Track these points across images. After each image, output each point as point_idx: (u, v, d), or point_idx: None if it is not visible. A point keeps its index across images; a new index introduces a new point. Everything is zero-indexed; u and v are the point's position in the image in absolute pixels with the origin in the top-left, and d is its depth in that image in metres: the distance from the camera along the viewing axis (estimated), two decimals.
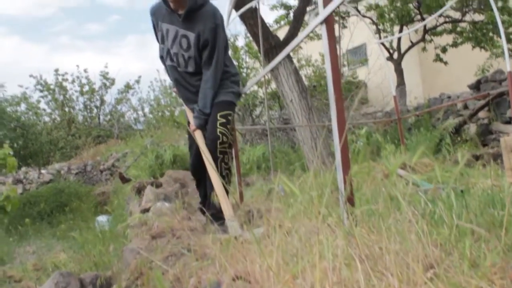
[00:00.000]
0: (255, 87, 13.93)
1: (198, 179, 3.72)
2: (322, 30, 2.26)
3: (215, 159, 3.29)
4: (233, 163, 3.87)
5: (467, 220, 1.92)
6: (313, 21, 2.39)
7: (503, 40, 6.67)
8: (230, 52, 4.62)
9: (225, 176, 3.34)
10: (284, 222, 1.69)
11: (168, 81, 21.08)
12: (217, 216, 3.16)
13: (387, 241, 1.52)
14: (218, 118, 3.36)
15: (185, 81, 3.59)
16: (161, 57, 3.76)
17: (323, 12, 2.21)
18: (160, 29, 3.55)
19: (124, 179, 8.69)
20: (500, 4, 14.20)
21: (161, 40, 3.59)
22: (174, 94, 19.84)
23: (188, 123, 3.65)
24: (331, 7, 2.16)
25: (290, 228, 1.65)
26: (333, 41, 2.26)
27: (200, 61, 3.46)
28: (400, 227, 1.68)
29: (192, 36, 3.40)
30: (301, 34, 2.75)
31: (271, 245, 1.54)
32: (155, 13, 3.59)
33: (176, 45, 3.48)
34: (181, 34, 3.44)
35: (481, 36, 14.70)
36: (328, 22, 2.24)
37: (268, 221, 1.72)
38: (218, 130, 3.32)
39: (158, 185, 6.23)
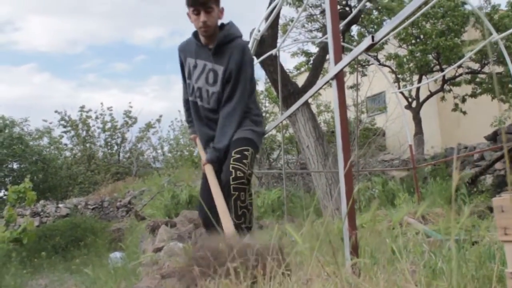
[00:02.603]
0: (274, 131, 14.10)
1: (207, 224, 3.36)
2: (333, 85, 2.38)
3: (229, 197, 3.02)
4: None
5: (466, 272, 1.98)
6: (325, 76, 2.52)
7: None
8: None
9: (242, 215, 3.05)
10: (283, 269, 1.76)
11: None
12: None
13: None
14: (233, 154, 3.14)
15: (205, 116, 3.45)
16: (185, 101, 3.66)
17: (334, 69, 2.34)
18: (187, 64, 3.46)
19: (140, 217, 8.79)
20: None
21: (188, 76, 3.48)
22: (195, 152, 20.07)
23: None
24: (341, 64, 2.28)
25: (289, 275, 1.73)
26: (343, 96, 2.38)
27: (222, 97, 3.32)
28: (399, 277, 1.75)
29: (220, 70, 3.30)
30: (314, 88, 2.88)
31: None
32: (183, 49, 3.50)
33: (202, 79, 3.37)
34: (209, 68, 3.34)
35: (499, 87, 14.79)
36: (339, 78, 2.36)
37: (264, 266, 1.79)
38: (231, 166, 3.07)
39: (173, 225, 6.30)
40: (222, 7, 3.30)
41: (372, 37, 2.01)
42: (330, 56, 2.39)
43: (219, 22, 3.35)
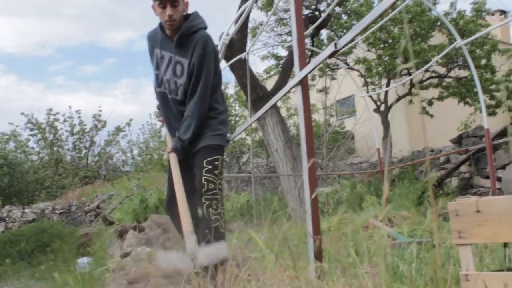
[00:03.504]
0: (243, 135, 14.12)
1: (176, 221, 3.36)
2: (297, 91, 2.41)
3: (201, 205, 3.10)
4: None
5: (427, 274, 2.03)
6: (290, 82, 2.55)
7: (480, 98, 6.93)
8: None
9: (216, 220, 3.10)
10: (245, 273, 1.78)
11: (158, 125, 21.23)
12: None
13: None
14: (204, 165, 3.21)
15: (173, 108, 3.45)
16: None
17: (299, 75, 2.37)
18: (155, 55, 3.48)
19: (108, 222, 8.70)
20: (483, 61, 14.68)
21: (156, 66, 3.50)
22: (163, 137, 19.98)
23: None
24: (305, 71, 2.31)
25: (249, 279, 1.74)
26: (307, 101, 2.41)
27: (189, 89, 3.34)
28: (360, 281, 1.78)
29: (185, 62, 3.32)
30: (279, 93, 2.91)
31: None
32: (151, 38, 3.52)
33: (170, 71, 3.39)
34: (175, 60, 3.36)
35: (465, 92, 15.11)
36: (303, 83, 2.39)
37: (224, 271, 1.80)
38: (203, 178, 3.17)
39: (141, 230, 6.25)
40: (187, 0, 3.32)
41: (335, 44, 2.04)
42: (295, 62, 2.43)
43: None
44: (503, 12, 23.14)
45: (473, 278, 1.53)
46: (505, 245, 1.67)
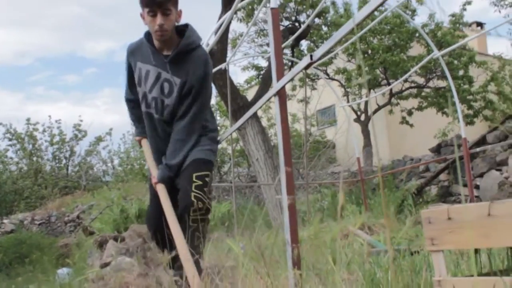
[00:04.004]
0: (224, 144, 14.14)
1: (157, 238, 3.12)
2: (275, 102, 2.45)
3: (186, 228, 2.75)
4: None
5: (404, 282, 2.07)
6: (267, 93, 2.59)
7: (458, 108, 7.05)
8: None
9: (198, 246, 2.76)
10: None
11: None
12: None
13: None
14: (194, 179, 2.84)
15: (160, 129, 3.13)
16: (128, 100, 3.36)
17: (276, 86, 2.40)
18: (137, 70, 3.10)
19: (88, 232, 8.63)
20: (461, 72, 14.95)
21: (138, 82, 3.11)
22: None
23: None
24: (282, 82, 2.35)
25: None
26: (285, 112, 2.44)
27: (178, 110, 3.02)
28: None
29: (178, 81, 2.98)
30: (257, 104, 2.94)
31: None
32: (133, 52, 3.14)
33: (157, 89, 3.03)
34: (164, 77, 3.01)
35: (443, 102, 15.35)
36: (280, 94, 2.43)
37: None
38: (192, 194, 2.78)
39: (121, 240, 6.22)
40: (180, 9, 2.99)
41: (311, 56, 2.08)
42: (273, 73, 2.46)
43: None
44: (479, 24, 23.59)
45: (445, 283, 1.57)
46: (476, 251, 1.72)
